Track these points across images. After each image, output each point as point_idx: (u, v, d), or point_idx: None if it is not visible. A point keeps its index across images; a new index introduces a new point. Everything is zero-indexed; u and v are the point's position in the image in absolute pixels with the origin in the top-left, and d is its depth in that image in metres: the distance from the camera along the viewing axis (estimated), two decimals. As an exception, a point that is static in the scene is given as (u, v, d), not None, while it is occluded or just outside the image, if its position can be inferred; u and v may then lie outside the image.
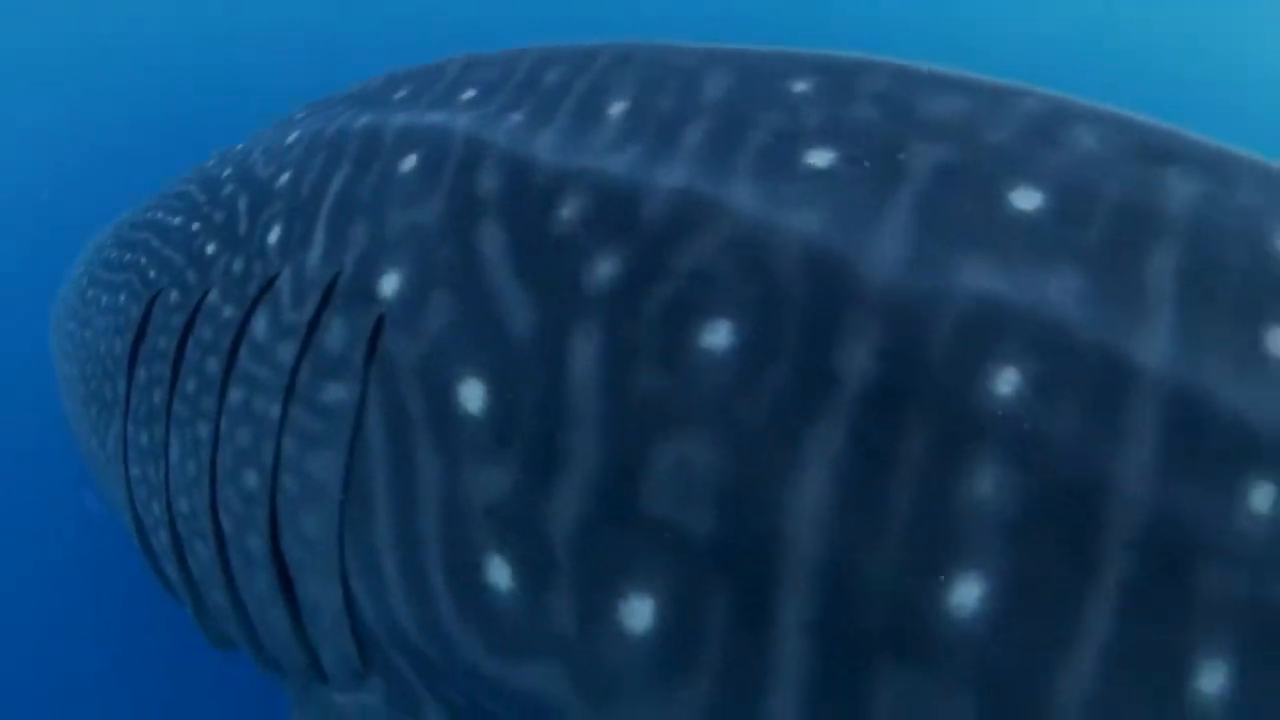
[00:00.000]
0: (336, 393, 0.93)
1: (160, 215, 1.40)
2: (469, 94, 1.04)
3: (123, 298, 1.35)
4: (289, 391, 0.98)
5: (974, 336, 0.65)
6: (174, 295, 1.22)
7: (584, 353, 0.76)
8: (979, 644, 0.62)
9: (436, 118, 1.01)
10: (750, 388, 0.69)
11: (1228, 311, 0.65)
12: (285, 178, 1.14)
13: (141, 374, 1.23)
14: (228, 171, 1.30)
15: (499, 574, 0.79)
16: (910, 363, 0.65)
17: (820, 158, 0.76)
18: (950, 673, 0.63)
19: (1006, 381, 0.63)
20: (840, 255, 0.69)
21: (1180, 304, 0.64)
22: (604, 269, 0.77)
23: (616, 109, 0.88)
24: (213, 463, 1.08)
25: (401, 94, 1.14)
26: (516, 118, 0.94)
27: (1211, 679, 0.59)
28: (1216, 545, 0.60)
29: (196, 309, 1.16)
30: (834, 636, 0.66)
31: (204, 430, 1.09)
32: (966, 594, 0.62)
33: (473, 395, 0.81)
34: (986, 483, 0.62)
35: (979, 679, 0.63)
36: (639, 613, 0.71)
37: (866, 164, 0.74)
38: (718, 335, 0.70)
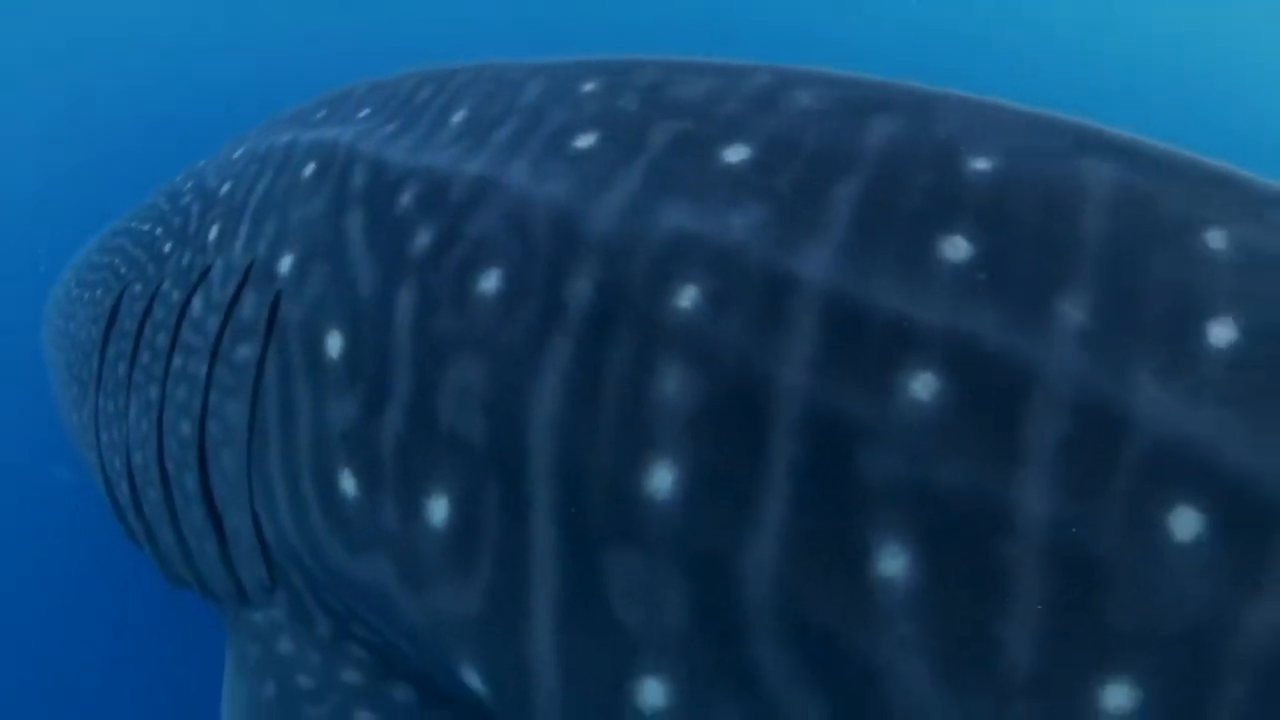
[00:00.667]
0: (245, 352, 1.16)
1: (133, 223, 1.67)
2: (364, 112, 1.27)
3: (99, 292, 1.62)
4: (214, 354, 1.22)
5: (665, 263, 0.80)
6: (138, 286, 1.48)
7: (405, 305, 0.96)
8: (678, 527, 0.75)
9: (333, 133, 1.24)
10: (509, 320, 0.86)
11: (901, 226, 0.76)
12: (226, 187, 1.40)
13: (110, 352, 1.48)
14: (189, 184, 1.56)
15: (348, 484, 0.99)
16: (618, 289, 0.81)
17: (585, 141, 0.94)
18: (662, 554, 0.76)
19: (687, 297, 0.78)
20: (576, 212, 0.87)
21: (854, 224, 0.76)
22: (422, 239, 0.97)
23: (458, 117, 1.09)
24: (160, 419, 1.31)
25: (320, 114, 1.38)
26: (389, 129, 1.17)
27: (891, 562, 0.67)
28: (878, 433, 0.68)
29: (154, 296, 1.41)
30: (575, 525, 0.80)
31: (154, 392, 1.33)
32: (661, 480, 0.76)
33: (334, 344, 1.03)
34: (672, 383, 0.76)
35: (683, 561, 0.75)
36: (438, 509, 0.89)
37: (618, 141, 0.91)
38: (490, 282, 0.89)
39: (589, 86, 1.01)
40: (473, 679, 0.91)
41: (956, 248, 0.73)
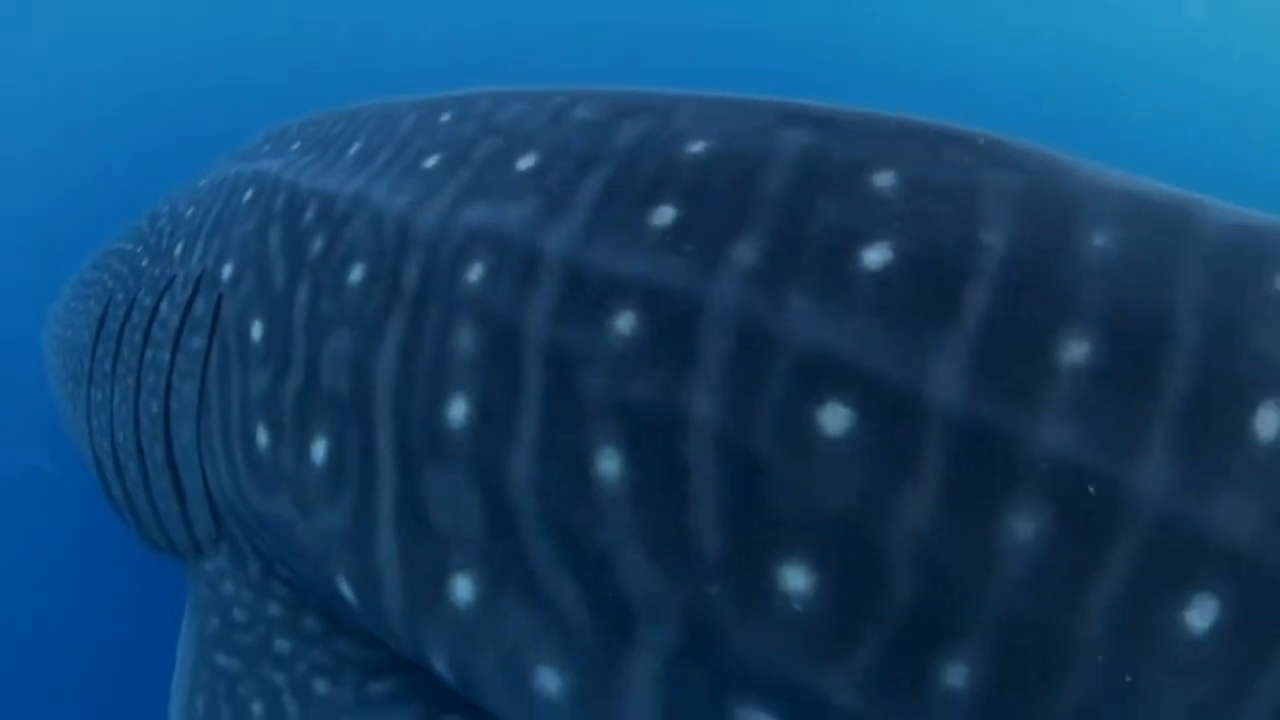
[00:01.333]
0: (197, 343, 1.44)
1: (119, 243, 1.99)
2: (294, 146, 1.55)
3: (91, 303, 1.92)
4: (175, 346, 1.50)
5: (462, 249, 1.04)
6: (120, 295, 1.77)
7: (302, 295, 1.22)
8: (467, 448, 0.97)
9: (266, 164, 1.53)
10: (366, 301, 1.12)
11: (626, 204, 0.94)
12: (190, 210, 1.70)
13: (99, 351, 1.77)
14: (165, 208, 1.87)
15: (262, 438, 1.24)
16: (433, 272, 1.05)
17: (430, 161, 1.18)
18: (458, 470, 0.98)
19: (475, 273, 1.01)
20: (413, 217, 1.12)
21: (593, 207, 0.96)
22: (316, 245, 1.24)
23: (354, 148, 1.36)
24: (136, 402, 1.59)
25: (265, 148, 1.67)
26: (306, 160, 1.44)
27: (607, 464, 0.85)
28: (594, 360, 0.90)
29: (132, 302, 1.70)
30: (404, 452, 1.04)
31: (131, 381, 1.61)
32: (457, 412, 0.98)
33: (256, 331, 1.29)
34: (464, 338, 0.99)
35: (472, 475, 0.96)
36: (319, 450, 1.14)
37: (452, 160, 1.16)
38: (356, 274, 1.15)
39: (444, 117, 1.25)
40: (345, 589, 1.15)
41: (663, 215, 0.91)
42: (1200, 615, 0.68)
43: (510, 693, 0.98)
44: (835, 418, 0.75)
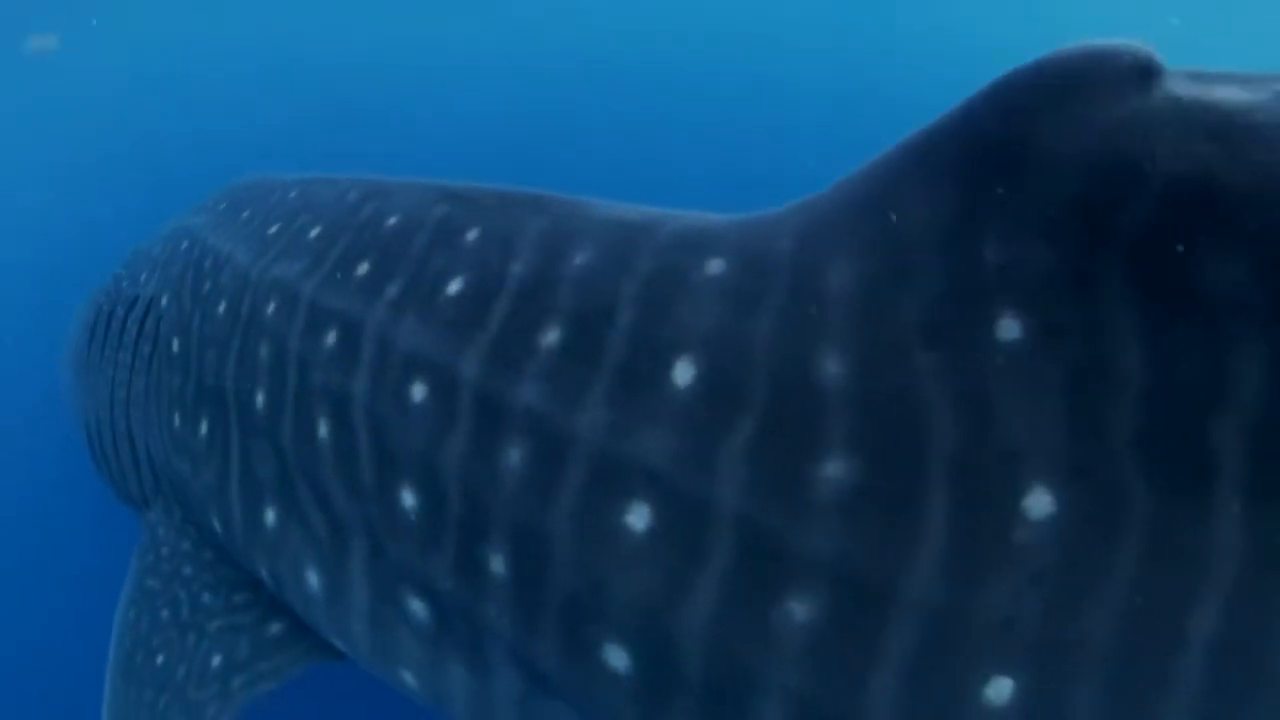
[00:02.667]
0: (145, 348, 1.98)
1: (116, 271, 2.57)
2: (223, 205, 2.05)
3: (91, 312, 2.49)
4: (134, 350, 2.05)
5: (264, 294, 1.53)
6: (107, 308, 2.35)
7: (195, 320, 1.76)
8: (265, 431, 1.42)
9: (201, 220, 2.05)
10: (224, 327, 1.63)
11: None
12: (157, 249, 2.24)
13: (92, 352, 2.34)
14: (145, 244, 2.45)
15: (175, 420, 1.77)
16: (253, 310, 1.54)
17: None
18: (257, 436, 1.44)
19: (270, 308, 1.50)
20: (250, 270, 1.62)
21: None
22: (206, 285, 1.77)
23: (246, 213, 1.86)
24: (110, 391, 2.15)
25: (214, 204, 2.16)
26: (224, 221, 1.95)
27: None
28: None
29: (111, 314, 2.29)
30: (243, 434, 1.53)
31: (108, 374, 2.18)
32: (261, 399, 1.46)
33: (176, 344, 1.82)
34: (263, 351, 1.45)
35: (271, 446, 1.41)
36: (202, 430, 1.66)
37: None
38: (220, 307, 1.67)
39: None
40: (216, 526, 1.66)
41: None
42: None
43: (295, 590, 1.45)
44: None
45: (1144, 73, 0.81)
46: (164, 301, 1.96)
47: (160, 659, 1.64)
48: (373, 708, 1.91)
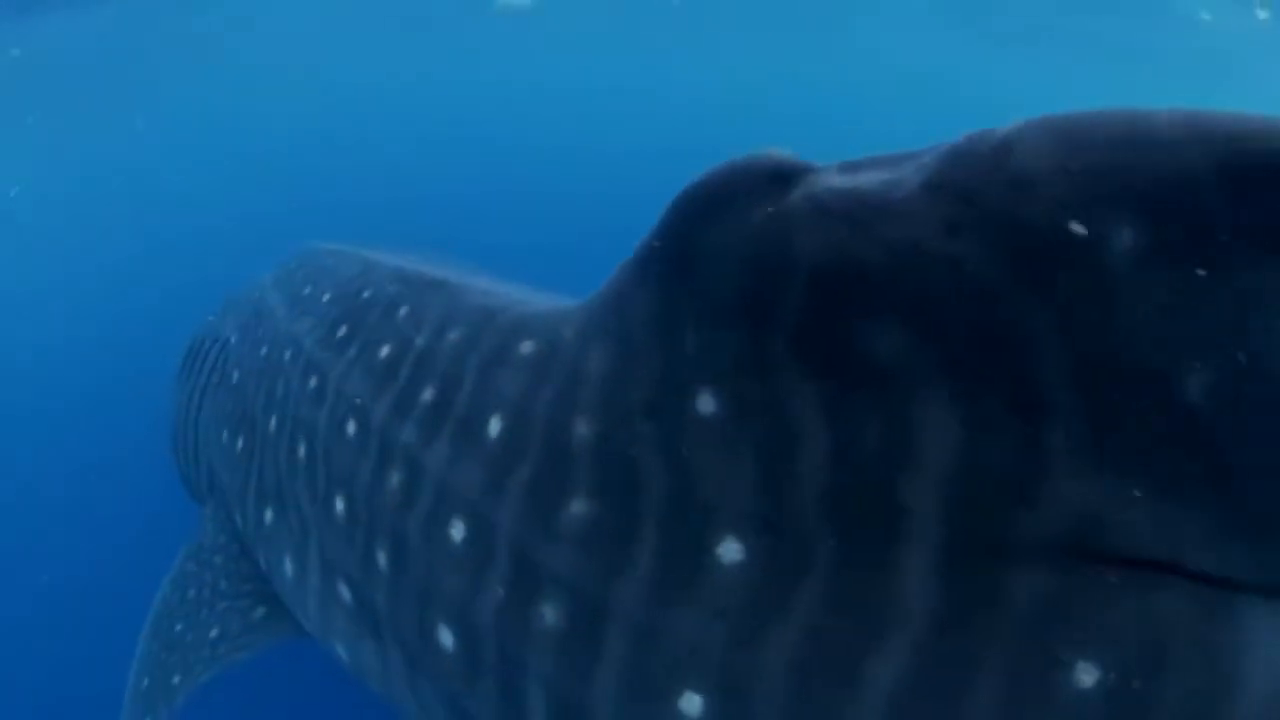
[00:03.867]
0: (215, 376, 2.50)
1: (210, 316, 3.13)
2: (291, 265, 2.54)
3: (188, 348, 3.04)
4: (208, 376, 2.57)
5: (301, 367, 1.90)
6: (198, 342, 2.92)
7: (245, 360, 2.24)
8: (264, 450, 1.80)
9: (269, 276, 2.57)
10: (257, 367, 2.10)
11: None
12: (238, 299, 2.79)
13: (184, 372, 2.90)
14: (232, 296, 3.00)
15: (224, 435, 2.24)
16: (287, 388, 1.97)
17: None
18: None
19: (310, 385, 1.86)
20: (287, 335, 2.06)
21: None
22: (264, 349, 2.21)
23: (308, 289, 2.24)
24: (188, 404, 2.70)
25: (284, 263, 2.66)
26: (281, 287, 2.39)
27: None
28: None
29: (199, 346, 2.85)
30: (260, 452, 1.93)
31: (185, 396, 2.75)
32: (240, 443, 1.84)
33: (234, 374, 2.31)
34: (287, 383, 1.86)
35: (271, 460, 1.80)
36: (239, 444, 2.14)
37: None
38: (261, 350, 2.15)
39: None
40: (239, 521, 2.09)
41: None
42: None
43: (277, 574, 1.85)
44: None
45: (782, 176, 0.91)
46: (232, 340, 2.47)
47: (178, 626, 2.06)
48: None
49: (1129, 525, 0.78)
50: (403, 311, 1.64)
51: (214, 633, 1.98)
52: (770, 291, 0.92)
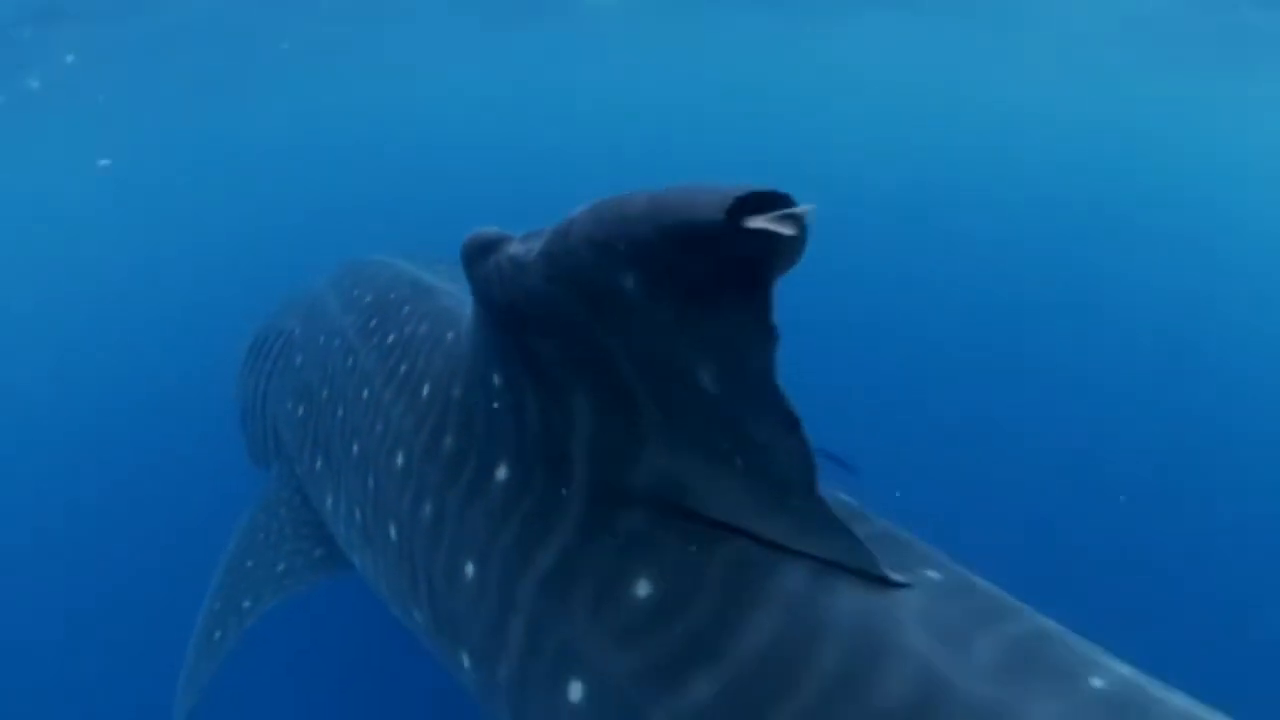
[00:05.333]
0: (281, 362, 3.08)
1: (270, 312, 3.68)
2: (341, 271, 3.06)
3: (252, 340, 3.61)
4: (275, 362, 3.14)
5: (346, 355, 2.41)
6: (263, 333, 3.47)
7: (311, 345, 2.74)
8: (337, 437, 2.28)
9: (323, 279, 3.14)
10: (319, 358, 2.67)
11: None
12: (295, 298, 3.39)
13: (247, 365, 3.49)
14: (287, 296, 3.59)
15: (291, 406, 2.77)
16: (340, 360, 2.49)
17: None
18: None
19: (347, 364, 2.38)
20: (340, 338, 2.58)
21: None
22: (321, 337, 2.79)
23: (356, 291, 2.73)
24: (255, 383, 3.27)
25: (336, 268, 3.17)
26: (337, 290, 2.90)
27: None
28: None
29: (264, 336, 3.40)
30: (323, 435, 2.43)
31: (252, 380, 3.33)
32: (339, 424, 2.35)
33: (297, 359, 2.85)
34: (355, 384, 2.32)
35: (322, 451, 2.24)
36: (299, 412, 2.70)
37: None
38: (325, 340, 2.72)
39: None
40: (299, 472, 2.61)
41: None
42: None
43: (330, 511, 2.34)
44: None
45: (492, 243, 1.34)
46: (296, 331, 2.98)
47: (249, 563, 2.48)
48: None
49: (702, 489, 1.20)
50: (405, 311, 2.17)
51: (280, 567, 2.41)
52: (497, 313, 1.39)
